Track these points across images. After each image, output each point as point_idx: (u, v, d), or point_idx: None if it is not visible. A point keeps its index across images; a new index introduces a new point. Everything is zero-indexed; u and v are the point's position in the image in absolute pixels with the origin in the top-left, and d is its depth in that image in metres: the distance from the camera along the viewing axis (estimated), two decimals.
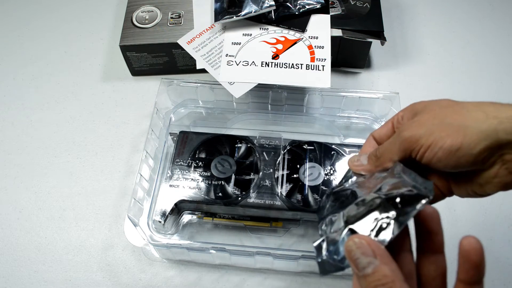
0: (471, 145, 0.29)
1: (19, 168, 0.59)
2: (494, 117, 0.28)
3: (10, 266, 0.52)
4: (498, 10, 0.74)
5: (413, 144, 0.32)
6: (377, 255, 0.25)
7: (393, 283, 0.23)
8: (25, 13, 0.75)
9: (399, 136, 0.33)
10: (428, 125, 0.31)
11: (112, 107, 0.64)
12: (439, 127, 0.30)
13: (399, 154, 0.33)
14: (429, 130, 0.31)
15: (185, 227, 0.52)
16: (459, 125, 0.29)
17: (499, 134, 0.28)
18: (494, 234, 0.52)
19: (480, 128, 0.28)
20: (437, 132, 0.30)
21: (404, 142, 0.32)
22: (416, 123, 0.32)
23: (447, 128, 0.30)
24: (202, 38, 0.59)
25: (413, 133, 0.32)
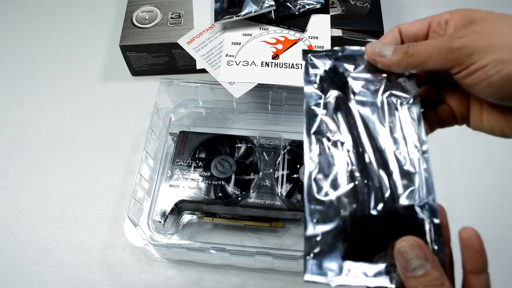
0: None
1: (19, 168, 0.59)
2: None
3: (10, 266, 0.52)
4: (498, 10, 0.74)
5: (465, 57, 0.27)
6: (428, 258, 0.25)
7: (443, 285, 0.24)
8: (25, 13, 0.75)
9: (451, 40, 0.27)
10: (492, 41, 0.26)
11: (112, 107, 0.64)
12: (504, 48, 0.26)
13: (439, 63, 0.28)
14: (491, 47, 0.26)
15: (185, 227, 0.52)
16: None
17: None
18: (494, 234, 0.52)
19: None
20: (500, 51, 0.25)
21: (453, 50, 0.27)
22: (476, 34, 0.27)
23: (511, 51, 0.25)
24: (202, 38, 0.59)
25: (470, 44, 0.26)
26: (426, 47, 0.29)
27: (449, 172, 0.56)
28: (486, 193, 0.55)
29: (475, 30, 0.27)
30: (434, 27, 0.31)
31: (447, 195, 0.55)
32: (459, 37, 0.27)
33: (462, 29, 0.28)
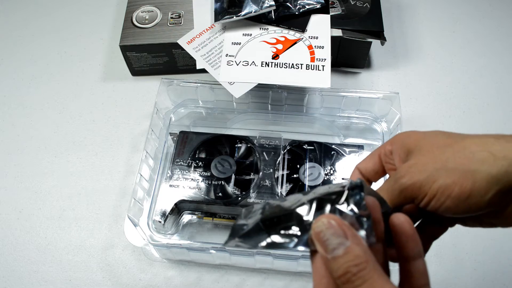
0: (481, 192, 0.26)
1: (19, 168, 0.59)
2: (503, 158, 0.26)
3: (10, 266, 0.52)
4: (498, 10, 0.74)
5: (416, 192, 0.28)
6: (348, 235, 0.23)
7: (366, 263, 0.22)
8: (25, 13, 0.75)
9: (397, 182, 0.29)
10: (430, 171, 0.28)
11: (112, 107, 0.64)
12: (443, 173, 0.27)
13: (399, 201, 0.29)
14: (432, 177, 0.27)
15: (185, 227, 0.52)
16: (466, 170, 0.27)
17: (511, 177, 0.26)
18: (494, 234, 0.52)
19: (489, 173, 0.26)
20: (442, 179, 0.27)
21: (404, 190, 0.29)
22: (415, 168, 0.28)
23: (452, 174, 0.27)
24: (202, 38, 0.59)
25: (414, 180, 0.28)
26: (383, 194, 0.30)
27: None
28: None
29: (415, 164, 0.29)
30: (383, 158, 0.33)
31: None
32: (404, 175, 0.29)
33: (405, 165, 0.29)
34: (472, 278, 0.50)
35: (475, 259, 0.51)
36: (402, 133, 0.32)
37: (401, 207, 0.30)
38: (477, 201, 0.27)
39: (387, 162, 0.33)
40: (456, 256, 0.51)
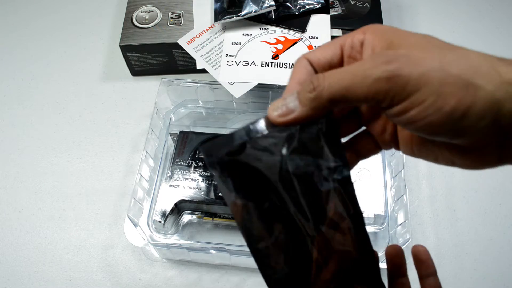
0: (479, 114, 0.20)
1: (19, 168, 0.59)
2: (508, 82, 0.20)
3: (10, 266, 0.52)
4: (498, 10, 0.74)
5: (397, 89, 0.21)
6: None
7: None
8: (25, 13, 0.75)
9: (377, 67, 0.21)
10: (426, 68, 0.21)
11: (112, 107, 0.64)
12: (441, 75, 0.20)
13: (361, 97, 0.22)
14: (426, 77, 0.20)
15: (185, 227, 0.52)
16: (469, 83, 0.20)
17: None
18: (494, 234, 0.52)
19: (494, 94, 0.20)
20: (438, 81, 0.20)
21: (381, 79, 0.21)
22: (405, 58, 0.21)
23: (452, 82, 0.20)
24: (202, 38, 0.59)
25: (403, 72, 0.21)
26: (341, 76, 0.22)
27: (449, 172, 0.56)
28: (486, 193, 0.55)
29: (403, 54, 0.21)
30: (348, 51, 0.26)
31: (447, 195, 0.55)
32: (386, 61, 0.21)
33: (388, 52, 0.22)
34: (472, 278, 0.50)
35: (475, 259, 0.51)
36: (379, 25, 0.25)
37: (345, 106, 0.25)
38: (469, 124, 0.21)
39: (352, 56, 0.26)
40: (456, 256, 0.51)
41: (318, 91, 0.23)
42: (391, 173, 0.52)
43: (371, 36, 0.24)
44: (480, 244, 0.52)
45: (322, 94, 0.22)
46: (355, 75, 0.22)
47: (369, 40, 0.24)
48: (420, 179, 0.56)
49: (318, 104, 0.23)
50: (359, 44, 0.25)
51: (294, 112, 0.23)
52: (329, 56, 0.26)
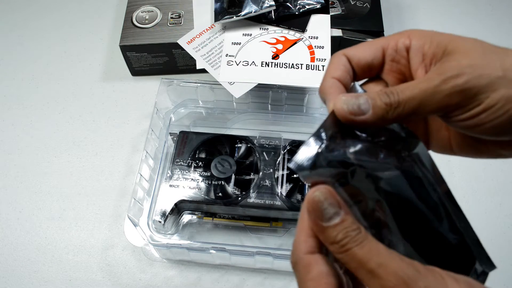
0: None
1: (19, 168, 0.59)
2: None
3: (10, 266, 0.52)
4: (498, 10, 0.74)
5: (468, 100, 0.23)
6: (342, 206, 0.23)
7: (360, 229, 0.23)
8: (25, 13, 0.75)
9: (447, 82, 0.23)
10: (492, 77, 0.23)
11: (112, 107, 0.64)
12: (506, 82, 0.23)
13: (434, 109, 0.24)
14: (494, 84, 0.23)
15: (185, 227, 0.52)
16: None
17: None
18: (494, 234, 0.52)
19: None
20: (504, 88, 0.22)
21: (456, 93, 0.23)
22: (472, 70, 0.23)
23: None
24: (202, 38, 0.59)
25: (473, 84, 0.23)
26: (414, 93, 0.24)
27: (449, 172, 0.56)
28: (486, 193, 0.55)
29: (467, 64, 0.23)
30: (392, 55, 0.26)
31: None
32: (455, 76, 0.23)
33: (453, 65, 0.24)
34: None
35: None
36: (422, 30, 0.26)
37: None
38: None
39: (395, 60, 0.26)
40: None
41: (392, 107, 0.24)
42: None
43: (419, 41, 0.25)
44: None
45: (396, 110, 0.24)
46: (427, 92, 0.23)
47: (417, 46, 0.25)
48: None
49: (389, 117, 0.24)
50: (404, 49, 0.26)
51: (365, 115, 0.24)
52: (370, 58, 0.27)
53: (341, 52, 0.27)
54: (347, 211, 0.23)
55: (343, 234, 0.23)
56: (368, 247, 0.22)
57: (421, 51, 0.25)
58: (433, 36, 0.25)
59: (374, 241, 0.22)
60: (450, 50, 0.24)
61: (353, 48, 0.27)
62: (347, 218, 0.23)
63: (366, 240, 0.22)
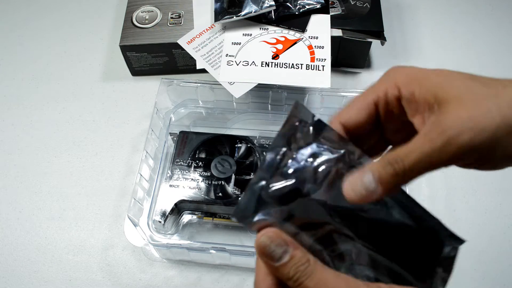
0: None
1: (19, 168, 0.59)
2: None
3: (10, 266, 0.52)
4: (498, 10, 0.74)
5: (470, 155, 0.23)
6: (289, 243, 0.25)
7: (309, 261, 0.24)
8: (25, 13, 0.75)
9: (450, 141, 0.23)
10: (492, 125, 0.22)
11: (112, 107, 0.64)
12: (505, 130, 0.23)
13: (445, 163, 0.24)
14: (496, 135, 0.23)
15: (185, 227, 0.52)
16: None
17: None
18: (494, 234, 0.52)
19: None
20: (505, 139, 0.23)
21: (462, 152, 0.23)
22: (471, 123, 0.23)
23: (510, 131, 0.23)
24: (202, 38, 0.59)
25: (477, 140, 0.22)
26: (419, 157, 0.23)
27: (449, 172, 0.56)
28: (486, 193, 0.55)
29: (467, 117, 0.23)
30: (384, 108, 0.27)
31: (447, 195, 0.55)
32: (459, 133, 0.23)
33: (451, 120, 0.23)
34: (472, 278, 0.50)
35: (475, 259, 0.51)
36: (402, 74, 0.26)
37: None
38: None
39: (389, 110, 0.27)
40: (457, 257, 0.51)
41: (401, 176, 0.24)
42: None
43: (408, 90, 0.25)
44: (480, 244, 0.52)
45: (405, 177, 0.24)
46: (432, 155, 0.23)
47: (407, 96, 0.25)
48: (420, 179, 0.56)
49: (400, 184, 0.24)
50: (395, 100, 0.26)
51: (376, 193, 0.24)
52: (365, 119, 0.27)
53: (335, 119, 0.28)
54: (295, 246, 0.25)
55: (294, 270, 0.24)
56: (316, 278, 0.24)
57: (412, 100, 0.25)
58: (421, 82, 0.25)
59: (322, 270, 0.24)
60: (442, 98, 0.24)
61: (346, 111, 0.27)
62: (295, 254, 0.25)
63: (315, 271, 0.24)
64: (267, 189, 0.26)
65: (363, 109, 0.27)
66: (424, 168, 0.24)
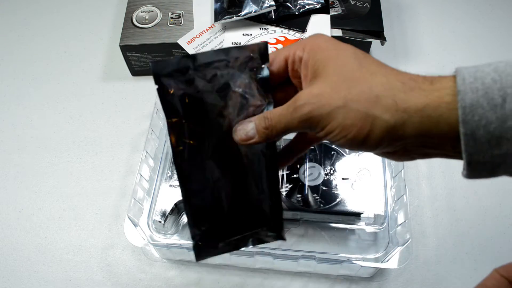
0: (376, 139, 0.27)
1: (19, 168, 0.59)
2: (404, 110, 0.26)
3: (10, 266, 0.52)
4: (498, 10, 0.74)
5: (314, 124, 0.28)
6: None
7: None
8: (25, 13, 0.75)
9: (297, 111, 0.29)
10: (332, 107, 0.27)
11: (112, 107, 0.64)
12: (344, 112, 0.27)
13: (296, 129, 0.30)
14: (333, 113, 0.27)
15: (185, 227, 0.52)
16: (367, 114, 0.27)
17: (406, 129, 0.26)
18: (494, 234, 0.52)
19: (389, 123, 0.26)
20: (342, 118, 0.27)
21: (303, 121, 0.29)
22: (317, 100, 0.28)
23: (353, 115, 0.27)
24: (202, 38, 0.59)
25: (315, 114, 0.28)
26: (279, 119, 0.30)
27: (449, 172, 0.56)
28: (486, 193, 0.55)
29: (316, 94, 0.28)
30: (291, 65, 0.31)
31: (447, 195, 0.55)
32: (302, 105, 0.28)
33: (305, 94, 0.29)
34: (472, 278, 0.50)
35: (475, 259, 0.51)
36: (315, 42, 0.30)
37: None
38: (370, 145, 0.28)
39: (294, 69, 0.31)
40: (456, 256, 0.51)
41: (269, 130, 0.31)
42: (391, 173, 0.52)
43: (307, 56, 0.30)
44: (480, 244, 0.52)
45: (272, 132, 0.31)
46: (286, 118, 0.30)
47: (305, 60, 0.30)
48: (420, 179, 0.56)
49: (270, 137, 0.31)
50: (299, 60, 0.30)
51: (253, 139, 0.31)
52: (276, 69, 0.32)
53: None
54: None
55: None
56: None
57: (306, 66, 0.30)
58: (318, 53, 0.29)
59: None
60: (318, 73, 0.29)
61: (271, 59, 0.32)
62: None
63: None
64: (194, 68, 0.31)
65: (277, 62, 0.32)
66: (283, 128, 0.30)
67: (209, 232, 0.33)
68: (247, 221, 0.34)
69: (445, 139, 0.26)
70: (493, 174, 0.29)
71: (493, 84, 0.25)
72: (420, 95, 0.26)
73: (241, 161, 0.33)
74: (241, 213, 0.34)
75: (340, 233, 0.52)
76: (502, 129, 0.24)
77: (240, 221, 0.34)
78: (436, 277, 0.50)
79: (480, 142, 0.25)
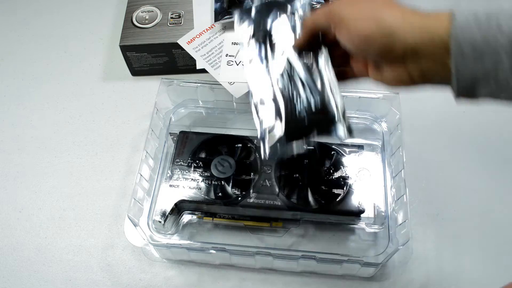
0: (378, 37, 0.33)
1: (19, 168, 0.59)
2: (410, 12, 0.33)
3: (10, 266, 0.52)
4: None
5: (337, 20, 0.36)
6: None
7: None
8: (25, 13, 0.75)
9: (328, 7, 0.38)
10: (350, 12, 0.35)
11: (112, 107, 0.64)
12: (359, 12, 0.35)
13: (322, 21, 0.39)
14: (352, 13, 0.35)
15: (185, 227, 0.52)
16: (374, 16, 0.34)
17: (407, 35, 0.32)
18: (494, 234, 0.52)
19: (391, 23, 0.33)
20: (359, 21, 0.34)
21: (328, 13, 0.38)
22: (344, 2, 0.37)
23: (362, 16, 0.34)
24: (202, 38, 0.59)
25: (339, 12, 0.36)
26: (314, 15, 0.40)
27: (450, 172, 0.56)
28: (486, 193, 0.55)
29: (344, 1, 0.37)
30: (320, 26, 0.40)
31: (447, 195, 0.55)
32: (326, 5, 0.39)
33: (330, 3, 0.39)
34: (472, 278, 0.50)
35: (475, 259, 0.51)
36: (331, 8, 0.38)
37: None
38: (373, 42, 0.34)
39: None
40: (456, 256, 0.51)
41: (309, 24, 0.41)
42: (391, 173, 0.52)
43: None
44: (480, 245, 0.52)
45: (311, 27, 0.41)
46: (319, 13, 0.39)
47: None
48: (420, 179, 0.56)
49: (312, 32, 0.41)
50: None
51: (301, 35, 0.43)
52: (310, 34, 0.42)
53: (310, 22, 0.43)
54: None
55: None
56: None
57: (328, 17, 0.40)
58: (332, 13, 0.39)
59: None
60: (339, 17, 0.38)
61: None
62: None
63: None
64: None
65: (308, 28, 0.42)
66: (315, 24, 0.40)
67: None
68: None
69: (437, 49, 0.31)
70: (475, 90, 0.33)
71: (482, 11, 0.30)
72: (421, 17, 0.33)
73: None
74: None
75: (340, 233, 0.52)
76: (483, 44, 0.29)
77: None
78: (436, 277, 0.50)
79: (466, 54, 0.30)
